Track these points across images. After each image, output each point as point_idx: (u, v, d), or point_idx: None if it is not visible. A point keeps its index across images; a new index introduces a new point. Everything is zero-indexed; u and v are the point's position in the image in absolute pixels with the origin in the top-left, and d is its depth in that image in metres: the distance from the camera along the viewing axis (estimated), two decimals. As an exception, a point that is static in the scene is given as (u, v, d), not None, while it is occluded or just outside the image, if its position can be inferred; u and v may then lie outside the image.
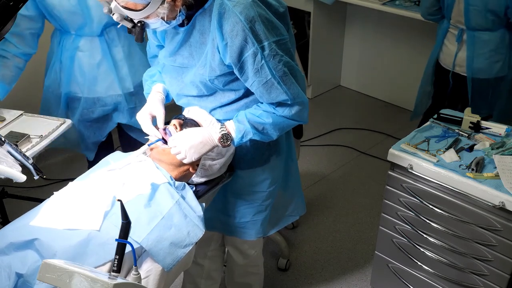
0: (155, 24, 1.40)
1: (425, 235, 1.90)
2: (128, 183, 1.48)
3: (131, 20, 1.39)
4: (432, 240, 1.89)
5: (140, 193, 1.44)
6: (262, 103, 1.53)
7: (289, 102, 1.49)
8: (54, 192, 1.51)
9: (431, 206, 1.84)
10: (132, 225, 1.20)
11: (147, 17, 1.37)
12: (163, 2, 1.34)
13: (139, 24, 1.39)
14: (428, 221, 1.87)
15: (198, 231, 1.44)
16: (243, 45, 1.39)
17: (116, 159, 1.60)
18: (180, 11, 1.39)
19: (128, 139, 2.42)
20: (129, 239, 1.19)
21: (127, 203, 1.20)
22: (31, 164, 1.46)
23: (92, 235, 1.34)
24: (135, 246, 1.33)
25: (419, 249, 1.95)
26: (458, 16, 2.49)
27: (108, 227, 1.36)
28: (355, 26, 4.07)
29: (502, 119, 2.62)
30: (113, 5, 1.36)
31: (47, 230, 1.36)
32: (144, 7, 1.33)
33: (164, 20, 1.39)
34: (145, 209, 1.41)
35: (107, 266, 1.31)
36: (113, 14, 1.37)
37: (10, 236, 1.36)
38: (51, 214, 1.41)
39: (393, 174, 1.93)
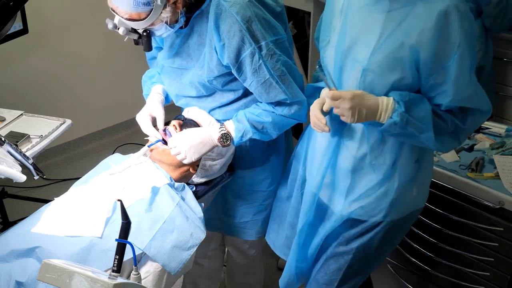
0: (160, 30, 1.39)
1: (425, 235, 1.90)
2: (128, 188, 1.48)
3: (136, 31, 1.38)
4: (432, 240, 1.89)
5: (140, 198, 1.44)
6: (261, 102, 1.53)
7: (288, 101, 1.48)
8: (55, 198, 1.51)
9: (431, 206, 1.84)
10: (134, 230, 1.19)
11: (151, 25, 1.36)
12: (165, 6, 1.33)
13: (144, 34, 1.38)
14: (428, 221, 1.87)
15: (200, 233, 1.44)
16: (241, 46, 1.38)
17: (116, 161, 1.60)
18: (180, 13, 1.39)
19: None
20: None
21: (127, 208, 1.19)
22: (31, 164, 1.46)
23: (94, 242, 1.34)
24: (138, 252, 1.32)
25: (419, 249, 1.95)
26: None
27: (110, 234, 1.36)
28: (355, 26, 4.05)
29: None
30: (116, 20, 1.34)
31: (48, 238, 1.36)
32: (148, 15, 1.31)
33: (167, 25, 1.38)
34: (146, 214, 1.40)
35: (109, 272, 1.31)
36: (118, 29, 1.35)
37: (12, 243, 1.36)
38: (53, 221, 1.41)
39: (393, 174, 1.93)
